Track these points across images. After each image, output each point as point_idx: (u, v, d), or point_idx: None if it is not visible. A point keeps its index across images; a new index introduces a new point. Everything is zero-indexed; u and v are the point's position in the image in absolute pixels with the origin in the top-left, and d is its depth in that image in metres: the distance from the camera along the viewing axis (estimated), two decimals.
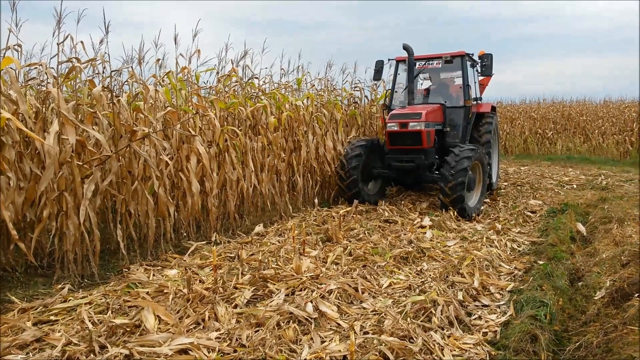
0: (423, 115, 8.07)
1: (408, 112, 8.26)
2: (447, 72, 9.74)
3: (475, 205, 8.15)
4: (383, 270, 5.11)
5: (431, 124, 8.29)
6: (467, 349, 3.49)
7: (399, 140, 8.37)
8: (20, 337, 3.35)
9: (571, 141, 19.84)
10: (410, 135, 8.18)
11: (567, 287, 4.67)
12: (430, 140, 8.29)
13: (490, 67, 8.95)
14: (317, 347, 3.37)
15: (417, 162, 8.22)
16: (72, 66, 5.19)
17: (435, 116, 8.60)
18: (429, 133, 8.20)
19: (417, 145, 8.20)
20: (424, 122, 8.04)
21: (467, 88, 8.88)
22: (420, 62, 9.35)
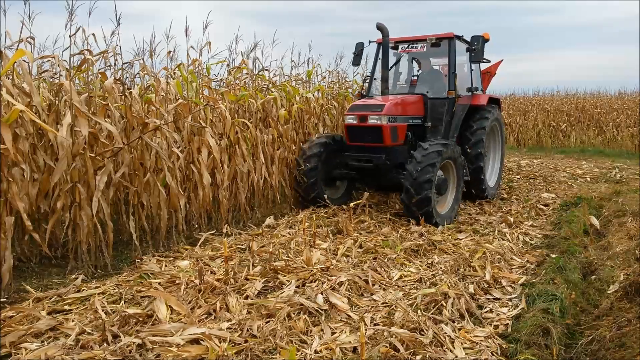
0: (385, 107, 6.90)
1: (369, 104, 7.19)
2: (438, 58, 8.65)
3: (447, 213, 6.91)
4: (394, 263, 5.11)
5: (400, 117, 7.14)
6: (478, 341, 3.48)
7: (358, 137, 7.24)
8: (35, 325, 3.40)
9: (585, 134, 19.59)
10: (369, 131, 7.03)
11: (580, 281, 4.63)
12: (397, 136, 7.13)
13: (480, 51, 7.66)
14: (328, 339, 3.38)
15: (376, 162, 7.01)
16: (84, 58, 5.23)
17: (409, 109, 7.42)
18: (394, 129, 7.03)
19: (378, 143, 7.03)
20: (386, 116, 6.88)
21: (453, 76, 7.64)
22: (403, 45, 8.23)
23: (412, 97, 7.66)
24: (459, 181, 7.17)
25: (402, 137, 7.23)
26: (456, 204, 7.19)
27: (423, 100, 7.72)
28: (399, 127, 7.11)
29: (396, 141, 7.11)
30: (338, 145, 7.60)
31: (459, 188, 7.19)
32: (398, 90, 8.35)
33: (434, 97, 7.77)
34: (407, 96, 7.67)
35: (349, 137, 7.34)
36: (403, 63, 8.96)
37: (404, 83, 8.75)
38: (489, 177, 8.71)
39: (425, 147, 6.56)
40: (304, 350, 3.24)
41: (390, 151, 7.04)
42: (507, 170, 12.36)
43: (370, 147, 7.13)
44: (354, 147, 7.35)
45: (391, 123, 6.95)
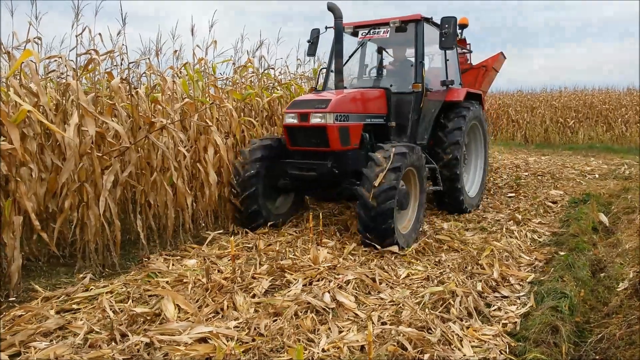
0: (331, 103, 5.57)
1: (312, 99, 5.89)
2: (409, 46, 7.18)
3: (408, 232, 5.63)
4: (401, 261, 5.09)
5: (353, 115, 5.89)
6: (486, 340, 3.46)
7: (299, 139, 5.93)
8: (44, 324, 3.42)
9: (593, 130, 19.46)
10: (312, 132, 5.72)
11: (589, 279, 4.59)
12: (349, 139, 5.83)
13: (451, 36, 6.24)
14: (335, 337, 3.37)
15: (319, 170, 5.76)
16: (90, 58, 5.25)
17: (367, 105, 6.22)
18: (344, 129, 5.73)
19: (322, 147, 5.72)
20: (332, 114, 5.55)
21: (421, 66, 6.44)
22: (364, 30, 6.93)
23: (371, 92, 6.43)
24: (422, 195, 5.97)
25: (355, 140, 5.95)
26: (418, 224, 5.87)
27: (386, 95, 6.49)
28: (351, 127, 5.82)
29: (347, 144, 5.81)
30: (285, 149, 6.23)
31: (422, 204, 5.98)
32: (363, 85, 7.13)
33: (398, 92, 6.58)
34: (365, 90, 6.44)
35: (290, 141, 6.01)
36: (372, 53, 7.61)
37: (369, 76, 7.40)
38: (469, 186, 7.70)
39: (387, 149, 5.41)
40: (312, 348, 3.24)
41: (339, 157, 5.77)
42: (515, 168, 12.31)
43: (314, 153, 5.88)
44: (297, 152, 6.06)
45: (340, 122, 5.65)
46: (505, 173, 11.42)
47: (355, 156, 5.92)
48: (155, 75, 6.25)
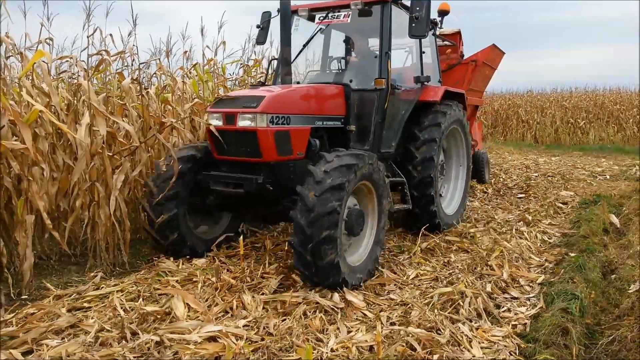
0: (264, 102, 4.45)
1: (242, 96, 4.77)
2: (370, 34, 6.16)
3: (363, 264, 4.47)
4: (409, 262, 5.08)
5: (296, 117, 4.72)
6: (495, 341, 3.44)
7: (226, 146, 4.74)
8: (56, 322, 3.45)
9: (604, 131, 19.29)
10: (239, 138, 4.62)
11: (600, 280, 4.56)
12: (290, 146, 4.68)
13: (424, 21, 5.08)
14: (344, 337, 3.38)
15: (247, 186, 4.57)
16: (101, 59, 5.29)
17: (318, 105, 5.08)
18: (283, 135, 4.59)
19: (254, 157, 4.59)
20: (266, 115, 4.42)
21: (386, 58, 5.30)
22: (321, 14, 5.79)
23: (324, 89, 5.28)
24: (382, 217, 4.75)
25: (299, 148, 4.78)
26: (375, 252, 4.63)
27: (344, 92, 5.32)
28: (293, 131, 4.68)
29: (287, 153, 4.67)
30: (212, 159, 4.99)
31: (382, 227, 4.75)
32: (321, 79, 5.98)
33: (359, 89, 5.43)
34: (316, 87, 5.32)
35: (215, 148, 4.85)
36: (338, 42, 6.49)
37: (331, 70, 6.28)
38: (448, 201, 6.67)
39: (329, 160, 4.22)
40: (320, 348, 3.24)
41: (276, 169, 4.64)
42: (525, 168, 12.23)
43: (244, 164, 4.73)
44: (225, 163, 4.91)
45: (277, 126, 4.52)
46: (515, 174, 11.35)
47: (299, 168, 4.62)
48: (165, 75, 6.29)
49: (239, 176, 4.70)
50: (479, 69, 8.29)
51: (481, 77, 8.72)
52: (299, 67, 6.21)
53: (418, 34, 5.22)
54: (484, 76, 8.88)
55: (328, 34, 6.38)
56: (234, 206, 5.35)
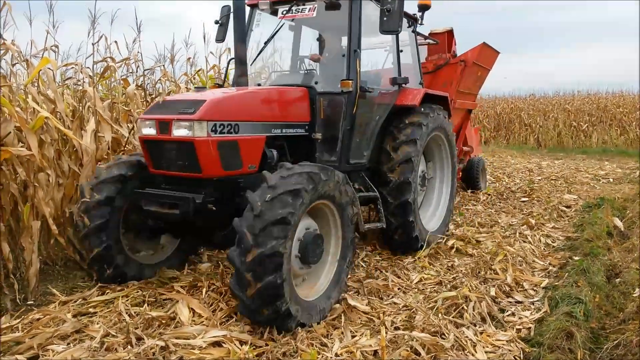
0: (204, 107, 3.80)
1: (181, 100, 4.15)
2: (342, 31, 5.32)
3: (319, 299, 3.82)
4: (413, 266, 5.09)
5: (246, 125, 4.09)
6: (500, 345, 3.45)
7: (161, 159, 4.08)
8: (61, 328, 3.47)
9: (607, 134, 19.27)
10: (175, 150, 3.95)
11: (604, 284, 4.55)
12: (238, 159, 4.04)
13: (396, 14, 4.55)
14: (348, 342, 3.38)
15: (183, 207, 3.87)
16: (107, 65, 5.34)
17: (276, 110, 4.48)
18: (228, 146, 3.94)
19: (192, 172, 3.92)
20: (205, 123, 3.76)
21: (354, 56, 4.73)
22: (283, 7, 5.13)
23: (284, 91, 4.71)
24: (346, 239, 4.09)
25: (252, 160, 4.15)
26: (340, 282, 4.03)
27: (308, 96, 4.76)
28: (242, 142, 4.04)
29: (235, 167, 4.02)
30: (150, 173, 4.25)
31: (346, 254, 4.10)
32: (286, 81, 5.34)
33: (326, 92, 4.84)
34: (274, 89, 4.74)
35: (151, 161, 4.14)
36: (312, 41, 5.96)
37: (302, 71, 5.73)
38: (429, 216, 6.04)
39: (271, 183, 3.46)
40: (325, 353, 3.25)
41: (221, 186, 4.03)
42: (528, 172, 12.22)
43: (183, 180, 4.07)
44: (164, 178, 4.21)
45: (220, 136, 3.85)
46: (518, 177, 11.35)
47: (251, 184, 3.76)
48: (169, 82, 6.33)
49: (174, 195, 3.99)
50: (469, 69, 7.77)
51: (472, 78, 8.18)
52: (265, 68, 5.88)
53: (390, 29, 4.68)
54: (475, 78, 8.35)
55: (298, 31, 5.81)
56: (181, 229, 4.50)
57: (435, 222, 6.00)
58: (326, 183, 3.70)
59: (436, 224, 5.96)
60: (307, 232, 3.68)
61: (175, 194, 4.01)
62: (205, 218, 4.00)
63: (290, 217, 3.32)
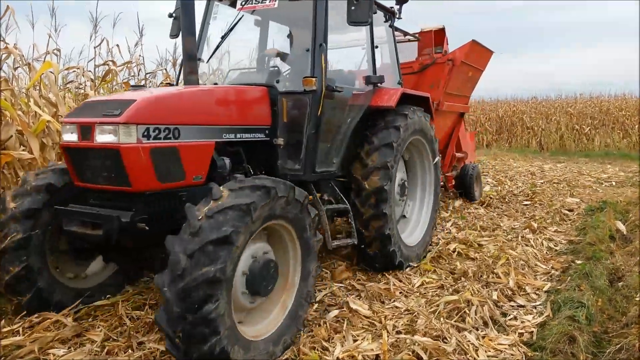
0: (130, 108, 3.20)
1: (108, 101, 3.47)
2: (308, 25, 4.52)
3: (274, 335, 3.28)
4: (415, 269, 5.07)
5: (187, 129, 3.49)
6: (502, 349, 3.43)
7: (84, 170, 3.47)
8: (62, 332, 3.46)
9: (610, 137, 19.25)
10: (99, 159, 3.34)
11: (607, 288, 4.53)
12: (179, 169, 3.45)
13: (365, 6, 4.18)
14: (350, 346, 3.37)
15: (107, 226, 3.27)
16: (108, 69, 5.36)
17: (227, 112, 3.92)
18: (165, 153, 3.35)
19: (119, 185, 3.31)
20: (133, 127, 3.17)
21: (320, 51, 4.26)
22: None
23: (240, 91, 4.16)
24: (306, 268, 3.56)
25: (197, 170, 3.57)
26: (294, 322, 3.44)
27: (269, 96, 4.23)
28: (184, 148, 3.46)
29: (176, 179, 3.44)
30: None
31: (307, 284, 3.56)
32: (247, 80, 4.87)
33: (289, 92, 4.40)
34: (227, 89, 4.26)
35: (75, 172, 3.53)
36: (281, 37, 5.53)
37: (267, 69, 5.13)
38: (409, 230, 5.55)
39: (216, 196, 2.95)
40: (326, 357, 3.24)
41: (156, 202, 3.39)
42: (530, 175, 12.20)
43: (112, 194, 3.44)
44: (88, 192, 3.58)
45: (154, 142, 3.26)
46: (521, 181, 11.32)
47: (197, 198, 3.07)
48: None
49: (97, 213, 3.37)
50: (457, 69, 7.25)
51: (462, 79, 7.69)
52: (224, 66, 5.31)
53: (359, 20, 4.23)
54: (466, 78, 7.86)
55: (265, 26, 5.34)
56: (116, 251, 3.85)
57: (416, 236, 5.47)
58: (283, 200, 3.18)
59: (417, 238, 5.44)
60: (258, 257, 3.17)
61: (98, 212, 3.38)
62: (138, 239, 3.43)
63: (235, 236, 2.79)
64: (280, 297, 3.47)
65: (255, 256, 3.16)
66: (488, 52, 8.10)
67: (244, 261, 3.05)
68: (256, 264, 3.14)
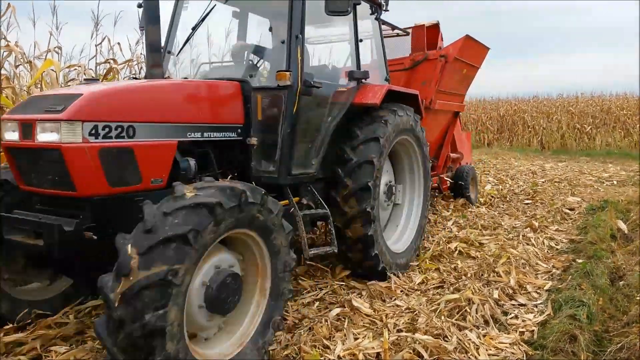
0: (75, 104, 2.86)
1: (53, 95, 3.16)
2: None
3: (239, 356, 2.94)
4: (416, 268, 5.07)
5: (145, 127, 3.18)
6: (503, 348, 3.43)
7: (27, 171, 3.18)
8: (64, 329, 3.47)
9: (611, 136, 19.24)
10: (42, 161, 3.05)
11: (608, 287, 4.53)
12: (135, 171, 3.14)
13: None
14: (351, 344, 3.37)
15: (47, 238, 2.92)
16: (109, 67, 5.36)
17: (192, 108, 3.59)
18: (117, 154, 3.04)
19: (63, 190, 3.00)
20: (77, 124, 2.83)
21: (296, 43, 3.96)
22: None
23: (206, 85, 3.86)
24: (276, 286, 3.17)
25: (157, 172, 3.25)
26: (258, 351, 3.02)
27: (241, 92, 3.94)
28: (140, 149, 3.14)
29: (131, 182, 3.13)
30: None
31: (276, 308, 3.17)
32: (221, 74, 4.43)
33: (262, 87, 4.13)
34: (191, 82, 4.07)
35: (19, 175, 3.23)
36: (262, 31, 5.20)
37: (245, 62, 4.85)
38: (397, 236, 5.25)
39: (189, 188, 2.72)
40: (327, 355, 3.24)
41: (107, 208, 3.03)
42: (531, 174, 12.20)
43: (60, 200, 3.10)
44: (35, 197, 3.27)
45: (103, 141, 2.95)
46: (522, 180, 11.32)
47: None
48: None
49: (38, 221, 3.02)
50: (451, 66, 6.92)
51: (456, 76, 7.36)
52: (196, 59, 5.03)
53: (337, 9, 3.93)
54: (460, 76, 7.51)
55: (244, 18, 5.05)
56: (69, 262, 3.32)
57: (403, 243, 5.16)
58: (253, 207, 2.84)
59: (404, 245, 5.12)
60: (222, 269, 2.81)
61: (40, 219, 3.02)
62: (87, 250, 2.99)
63: (194, 236, 2.46)
64: (242, 319, 3.06)
65: (219, 267, 2.81)
66: (483, 48, 7.79)
67: (205, 270, 2.72)
68: (219, 276, 2.77)
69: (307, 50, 4.38)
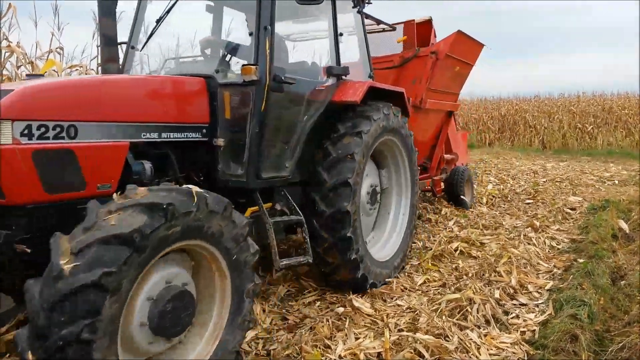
0: (5, 100, 2.50)
1: None
2: None
3: None
4: (417, 267, 5.08)
5: (89, 127, 2.82)
6: (504, 348, 3.43)
7: None
8: None
9: (612, 136, 19.21)
10: None
11: (609, 286, 4.53)
12: (77, 176, 2.77)
13: None
14: (352, 344, 3.38)
15: None
16: None
17: (149, 106, 3.28)
18: (54, 158, 2.66)
19: None
20: (9, 122, 2.48)
21: (265, 35, 3.61)
22: None
23: (165, 81, 3.57)
24: (238, 293, 2.86)
25: (104, 177, 2.91)
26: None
27: (207, 88, 3.64)
28: (83, 151, 2.80)
29: (72, 188, 2.78)
30: None
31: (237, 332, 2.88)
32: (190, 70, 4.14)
33: (230, 83, 3.74)
34: (145, 77, 3.81)
35: None
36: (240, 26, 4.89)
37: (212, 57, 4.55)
38: (381, 244, 4.96)
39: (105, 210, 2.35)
40: (328, 355, 3.25)
41: (41, 218, 2.68)
42: (533, 174, 12.19)
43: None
44: None
45: (40, 142, 2.61)
46: (523, 179, 11.32)
47: None
48: None
49: None
50: (442, 63, 6.56)
51: (448, 74, 7.00)
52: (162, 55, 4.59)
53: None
54: (453, 74, 7.16)
55: (219, 12, 4.78)
56: None
57: (389, 250, 4.86)
58: (214, 216, 2.58)
59: (389, 252, 4.83)
60: (171, 286, 2.52)
61: None
62: (19, 264, 2.67)
63: (140, 238, 2.20)
64: (201, 341, 2.76)
65: (171, 282, 2.53)
66: (477, 44, 7.35)
67: (153, 282, 2.45)
68: (168, 292, 2.48)
69: (283, 46, 4.19)
